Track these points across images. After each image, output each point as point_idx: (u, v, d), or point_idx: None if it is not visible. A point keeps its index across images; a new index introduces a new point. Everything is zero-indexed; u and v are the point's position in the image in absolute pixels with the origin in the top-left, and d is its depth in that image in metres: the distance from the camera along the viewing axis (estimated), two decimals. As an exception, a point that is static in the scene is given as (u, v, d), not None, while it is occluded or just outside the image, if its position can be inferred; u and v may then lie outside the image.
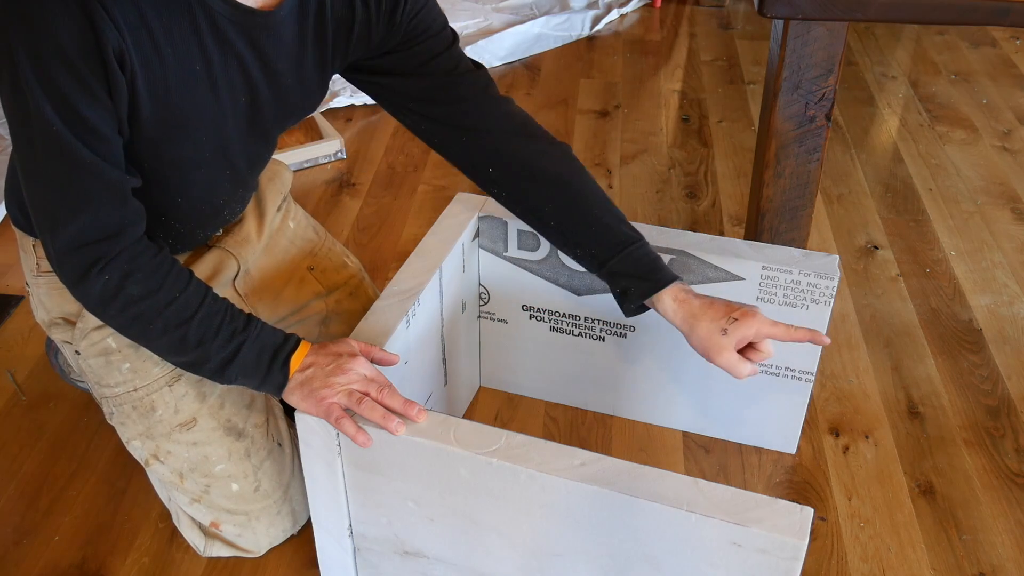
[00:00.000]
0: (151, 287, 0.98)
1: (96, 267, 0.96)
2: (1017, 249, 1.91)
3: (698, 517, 0.90)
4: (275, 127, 1.14)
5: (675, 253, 1.28)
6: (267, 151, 1.20)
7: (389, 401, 1.00)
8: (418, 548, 1.10)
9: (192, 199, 1.13)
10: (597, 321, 1.39)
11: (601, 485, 0.93)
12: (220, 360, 1.01)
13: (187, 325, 1.00)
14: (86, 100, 0.90)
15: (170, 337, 1.00)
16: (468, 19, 2.77)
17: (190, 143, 1.03)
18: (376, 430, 0.99)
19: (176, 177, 1.07)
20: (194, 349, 1.01)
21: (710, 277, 1.28)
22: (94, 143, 0.92)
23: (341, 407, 1.00)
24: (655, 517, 0.92)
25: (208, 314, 1.01)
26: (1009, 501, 1.37)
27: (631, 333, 1.38)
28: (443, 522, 1.05)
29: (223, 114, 1.03)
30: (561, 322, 1.41)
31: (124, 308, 0.98)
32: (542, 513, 0.98)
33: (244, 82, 1.02)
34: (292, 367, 1.02)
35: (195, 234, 1.21)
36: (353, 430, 0.99)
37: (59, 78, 0.88)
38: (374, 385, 1.00)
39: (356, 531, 1.12)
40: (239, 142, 1.09)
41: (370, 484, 1.06)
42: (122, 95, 0.93)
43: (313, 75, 1.10)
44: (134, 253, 0.98)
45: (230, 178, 1.14)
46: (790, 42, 1.29)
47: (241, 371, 1.02)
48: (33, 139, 0.92)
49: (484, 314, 1.46)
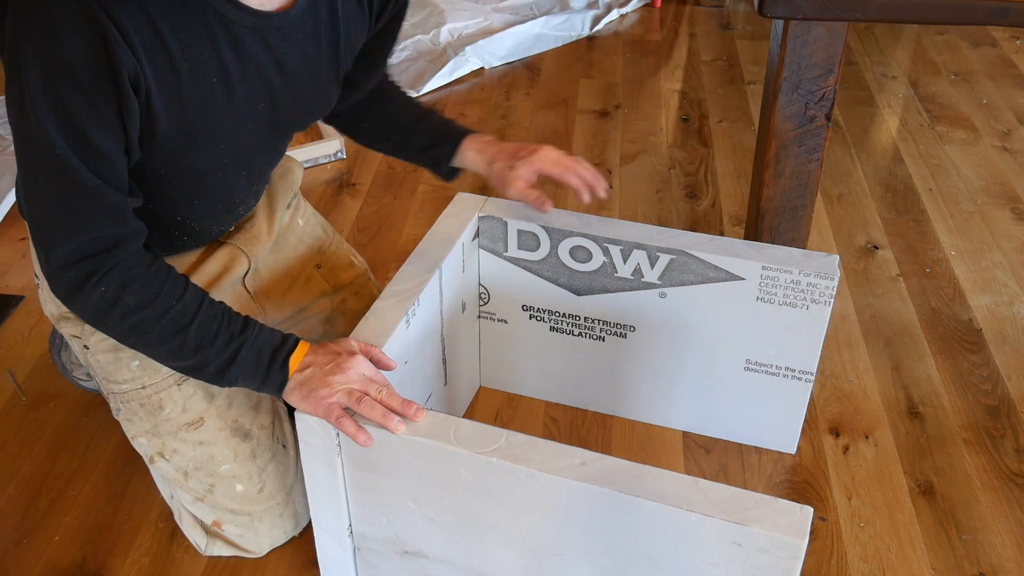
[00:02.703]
0: (148, 297, 0.98)
1: (92, 279, 0.96)
2: (1017, 249, 1.91)
3: (698, 516, 0.90)
4: (293, 127, 1.15)
5: (675, 253, 1.27)
6: (284, 149, 1.21)
7: (388, 400, 1.00)
8: (418, 548, 1.10)
9: (208, 200, 1.13)
10: (597, 321, 1.39)
11: (601, 484, 0.93)
12: (219, 364, 1.01)
13: (185, 332, 1.00)
14: (94, 122, 0.90)
15: (168, 345, 1.01)
16: (468, 19, 2.77)
17: (207, 152, 1.03)
18: (376, 429, 0.99)
19: (193, 181, 1.08)
20: (193, 355, 1.01)
21: (710, 277, 1.28)
22: (98, 166, 0.92)
23: (341, 407, 0.99)
24: (655, 516, 0.92)
25: (206, 319, 1.01)
26: (1009, 501, 1.37)
27: (631, 333, 1.38)
28: (443, 522, 1.05)
29: (241, 122, 1.03)
30: (561, 322, 1.41)
31: (122, 319, 0.98)
32: (542, 513, 0.98)
33: (262, 88, 1.03)
34: (291, 367, 1.02)
35: (210, 231, 1.21)
36: (353, 429, 0.99)
37: (68, 100, 0.88)
38: (373, 385, 1.00)
39: (356, 531, 1.12)
40: (257, 145, 1.10)
41: (370, 484, 1.06)
42: (134, 117, 0.92)
43: (328, 72, 1.10)
44: (130, 264, 0.98)
45: (246, 178, 1.15)
46: (790, 42, 1.29)
47: (241, 373, 1.03)
48: (35, 158, 0.91)
49: (484, 314, 1.45)
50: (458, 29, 2.73)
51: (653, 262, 1.29)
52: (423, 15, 2.81)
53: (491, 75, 2.61)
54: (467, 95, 2.50)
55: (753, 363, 1.35)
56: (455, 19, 2.76)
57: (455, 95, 2.49)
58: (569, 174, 1.26)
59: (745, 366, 1.35)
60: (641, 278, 1.31)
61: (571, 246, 1.32)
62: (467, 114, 2.40)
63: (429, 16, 2.80)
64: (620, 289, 1.34)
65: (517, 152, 1.26)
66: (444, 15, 2.77)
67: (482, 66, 2.63)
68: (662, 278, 1.30)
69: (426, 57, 2.62)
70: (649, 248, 1.28)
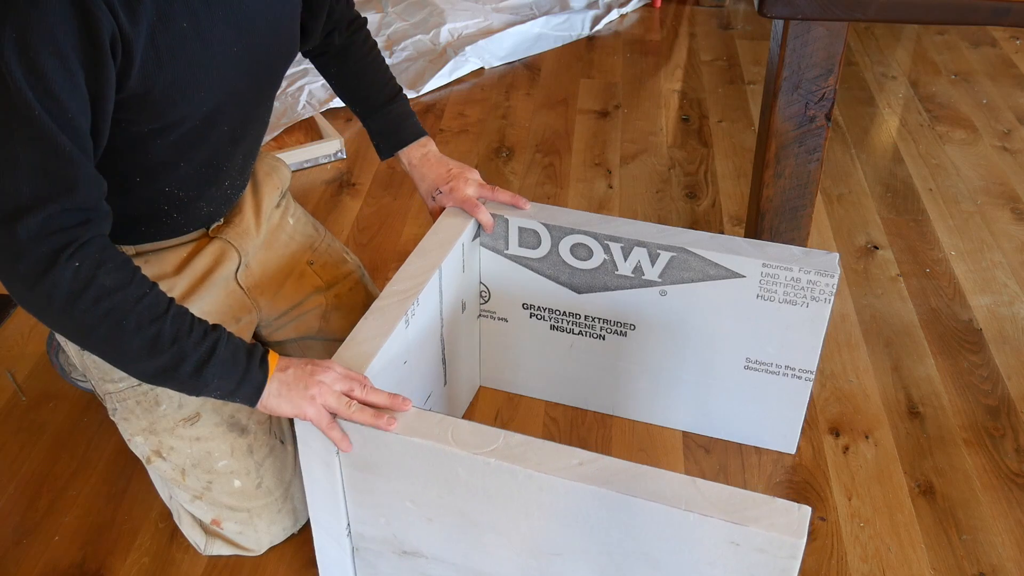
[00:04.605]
0: (124, 278, 0.94)
1: (66, 252, 0.90)
2: (1017, 249, 1.91)
3: (696, 516, 0.90)
4: (268, 73, 1.15)
5: (675, 250, 1.28)
6: (263, 105, 1.20)
7: (374, 398, 1.00)
8: (416, 548, 1.10)
9: (194, 164, 1.12)
10: (597, 319, 1.39)
11: (599, 485, 0.92)
12: (197, 359, 0.97)
13: (162, 320, 0.95)
14: (70, 92, 0.88)
15: (145, 334, 0.94)
16: (468, 19, 2.77)
17: (188, 104, 1.02)
18: (371, 436, 0.99)
19: (177, 141, 1.06)
20: (170, 347, 0.95)
21: (711, 275, 1.28)
22: (72, 135, 0.90)
23: (330, 413, 0.99)
24: (653, 516, 0.92)
25: (179, 312, 0.98)
26: (1009, 501, 1.37)
27: (631, 331, 1.38)
28: (441, 522, 1.05)
29: (217, 69, 1.03)
30: (561, 320, 1.41)
31: (96, 302, 0.92)
32: (540, 513, 0.98)
33: (231, 31, 1.03)
34: (270, 366, 1.00)
35: (198, 206, 1.19)
36: (339, 436, 1.00)
37: (47, 65, 0.86)
38: (355, 383, 1.00)
39: (354, 531, 1.12)
40: (236, 95, 1.09)
41: (368, 485, 1.06)
42: (107, 84, 0.91)
43: (285, 5, 1.12)
44: (103, 244, 0.94)
45: (229, 135, 1.14)
46: (790, 42, 1.29)
47: (219, 371, 0.98)
48: (9, 124, 0.88)
49: (484, 312, 1.45)
50: (458, 29, 2.73)
51: (654, 260, 1.29)
52: (423, 15, 2.81)
53: (491, 75, 2.61)
54: (467, 95, 2.50)
55: (753, 362, 1.35)
56: (455, 19, 2.76)
57: (455, 95, 2.49)
58: (477, 211, 1.32)
59: (745, 365, 1.35)
60: (641, 276, 1.31)
61: (572, 243, 1.32)
62: (467, 114, 2.40)
63: (429, 16, 2.80)
64: (620, 287, 1.34)
65: (437, 183, 1.34)
66: (444, 15, 2.77)
67: (482, 66, 2.63)
68: (662, 276, 1.30)
69: (426, 57, 2.62)
70: (649, 245, 1.28)
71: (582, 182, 2.11)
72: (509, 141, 2.28)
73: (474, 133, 2.31)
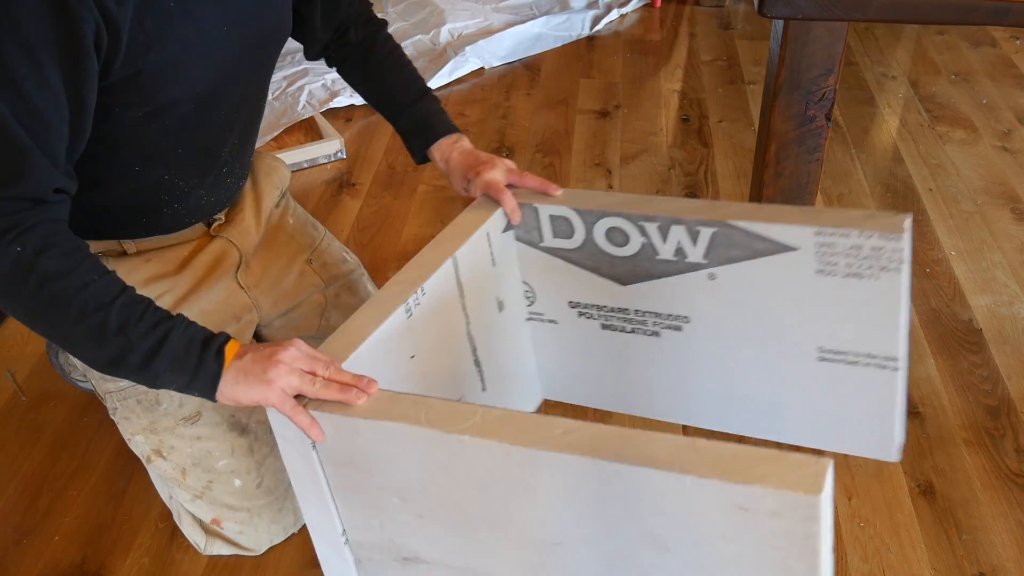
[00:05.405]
0: (68, 265, 0.91)
1: (7, 236, 0.89)
2: (1017, 249, 1.91)
3: (693, 479, 0.78)
4: (261, 53, 1.14)
5: (716, 225, 1.13)
6: (257, 87, 1.19)
7: (339, 376, 0.91)
8: (415, 552, 1.09)
9: (191, 150, 1.11)
10: (648, 314, 1.25)
11: (584, 453, 0.82)
12: (145, 351, 0.91)
13: (108, 308, 0.91)
14: (35, 83, 0.87)
15: (88, 323, 0.91)
16: (468, 19, 2.77)
17: (181, 85, 1.02)
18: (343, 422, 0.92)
19: (173, 124, 1.06)
20: (115, 336, 0.91)
21: (759, 250, 1.11)
22: (32, 125, 0.89)
23: (292, 394, 0.91)
24: (647, 485, 0.82)
25: (130, 301, 0.93)
26: (1009, 501, 1.37)
27: (686, 325, 1.24)
28: (433, 518, 1.01)
29: (208, 48, 1.02)
30: (611, 318, 1.29)
31: (39, 287, 0.89)
32: (527, 495, 0.90)
33: (220, 10, 1.02)
34: (227, 356, 0.93)
35: (198, 195, 1.18)
36: (307, 422, 0.91)
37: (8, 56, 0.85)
38: (319, 362, 0.92)
39: (352, 539, 1.10)
40: (229, 76, 1.08)
41: (352, 481, 1.02)
42: (89, 79, 0.91)
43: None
44: (51, 230, 0.92)
45: (224, 120, 1.13)
46: (790, 42, 1.29)
47: (170, 363, 0.92)
48: None
49: (533, 316, 1.35)
50: (458, 29, 2.73)
51: (694, 238, 1.15)
52: (423, 15, 2.81)
53: (491, 75, 2.61)
54: (467, 95, 2.50)
55: (827, 351, 1.16)
56: (455, 19, 2.76)
57: (455, 95, 2.50)
58: (503, 196, 1.24)
59: (819, 356, 1.17)
60: (685, 258, 1.18)
61: (606, 228, 1.21)
62: (467, 114, 2.40)
63: (429, 16, 2.80)
64: (665, 273, 1.21)
65: (466, 172, 1.28)
66: (444, 15, 2.77)
67: (482, 66, 2.63)
68: (707, 256, 1.16)
69: (426, 57, 2.62)
70: (688, 222, 1.15)
71: (582, 182, 2.11)
72: (509, 141, 2.29)
73: (474, 133, 2.31)
